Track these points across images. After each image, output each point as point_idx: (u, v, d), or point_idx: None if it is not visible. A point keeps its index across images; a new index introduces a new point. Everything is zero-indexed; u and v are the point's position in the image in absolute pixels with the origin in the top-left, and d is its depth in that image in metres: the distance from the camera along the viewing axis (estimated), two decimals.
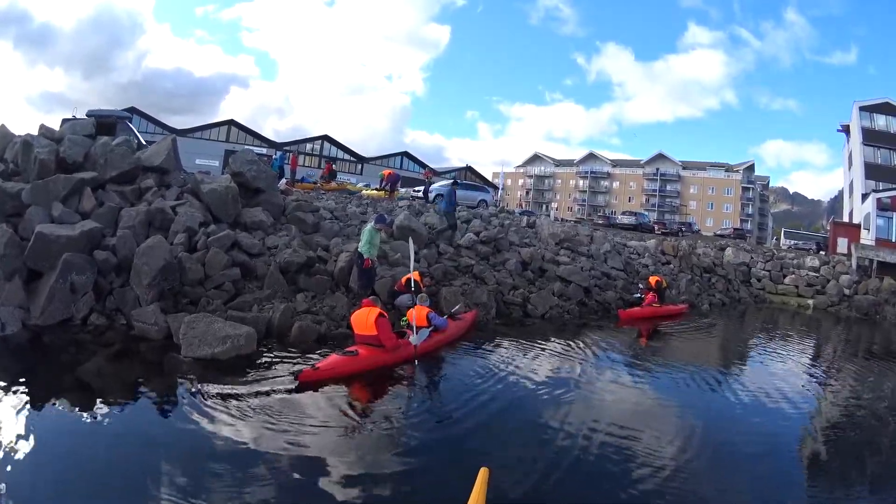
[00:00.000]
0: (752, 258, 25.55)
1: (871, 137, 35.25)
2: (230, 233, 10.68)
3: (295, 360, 7.80)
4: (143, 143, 16.68)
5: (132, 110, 48.50)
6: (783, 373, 10.47)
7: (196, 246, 10.16)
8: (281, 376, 7.07)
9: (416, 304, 8.96)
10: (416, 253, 11.44)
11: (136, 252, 9.02)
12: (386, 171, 26.55)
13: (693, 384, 8.87)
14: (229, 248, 10.34)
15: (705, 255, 24.01)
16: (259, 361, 7.64)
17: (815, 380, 10.63)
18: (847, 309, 21.69)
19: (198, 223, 10.63)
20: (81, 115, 19.90)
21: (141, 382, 6.76)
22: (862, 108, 36.10)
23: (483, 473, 3.88)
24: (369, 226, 10.58)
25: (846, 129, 39.59)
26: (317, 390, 6.74)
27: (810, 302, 22.45)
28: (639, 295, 15.66)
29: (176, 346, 7.74)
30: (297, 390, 6.66)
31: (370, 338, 7.70)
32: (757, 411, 7.79)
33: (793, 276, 24.04)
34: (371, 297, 8.78)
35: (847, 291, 22.68)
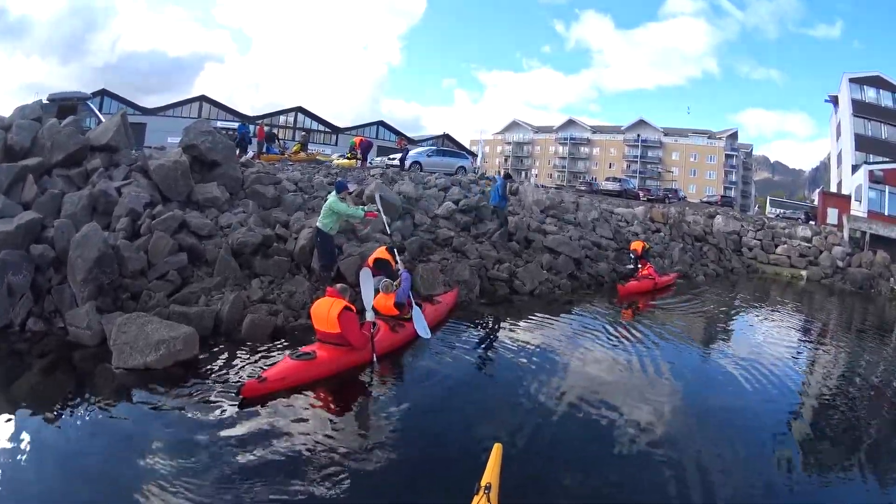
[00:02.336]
0: (742, 227, 24.94)
1: (862, 109, 35.37)
2: (176, 213, 9.41)
3: (244, 364, 6.71)
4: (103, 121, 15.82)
5: (102, 92, 47.66)
6: (788, 348, 10.38)
7: (140, 231, 9.00)
8: (224, 389, 5.93)
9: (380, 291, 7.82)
10: (388, 224, 10.32)
11: (72, 243, 7.85)
12: (357, 139, 25.28)
13: (699, 361, 8.72)
14: (176, 230, 9.17)
15: (695, 223, 23.32)
16: (201, 369, 6.48)
17: (818, 354, 10.56)
18: (841, 282, 21.35)
19: (143, 204, 9.50)
20: (38, 99, 19.68)
21: (66, 403, 5.65)
22: (852, 80, 36.07)
23: (497, 449, 4.03)
24: (331, 197, 9.31)
25: (834, 100, 39.57)
26: (265, 405, 5.58)
27: (804, 273, 22.03)
28: (632, 266, 14.87)
29: (111, 354, 6.56)
30: (242, 406, 5.50)
31: (333, 336, 6.44)
32: (758, 385, 7.66)
33: (784, 246, 23.55)
34: (339, 284, 7.40)
35: (840, 263, 22.40)
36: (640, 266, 14.44)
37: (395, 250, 9.26)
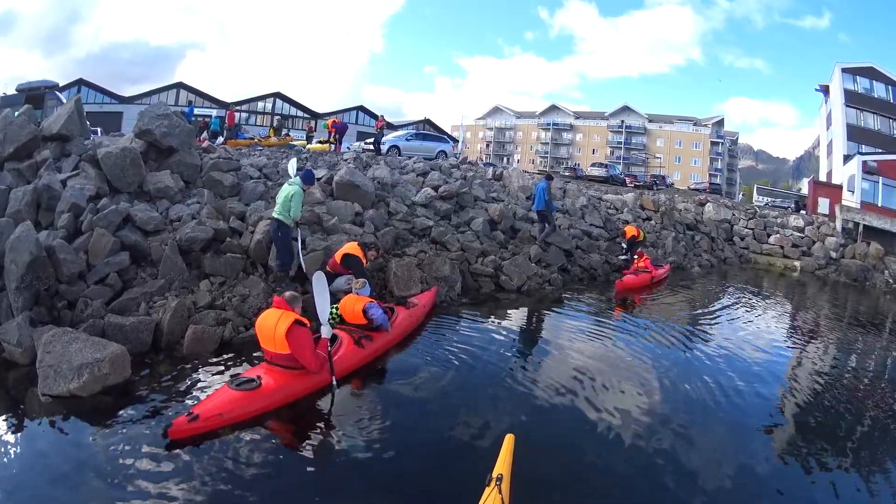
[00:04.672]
0: (733, 215, 24.42)
1: (854, 99, 35.32)
2: (120, 206, 8.34)
3: (183, 389, 5.69)
4: None
5: (79, 82, 48.22)
6: (798, 344, 10.47)
7: (82, 228, 8.02)
8: (154, 425, 4.89)
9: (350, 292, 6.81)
10: (359, 215, 9.28)
11: (6, 245, 6.96)
12: (330, 122, 24.27)
13: (700, 356, 8.27)
14: (119, 226, 8.15)
15: (686, 211, 22.71)
16: (133, 396, 5.46)
17: (823, 350, 10.23)
18: (835, 273, 20.94)
19: (87, 198, 8.54)
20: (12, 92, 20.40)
21: None
22: (844, 70, 35.95)
23: (509, 440, 4.03)
24: (294, 186, 8.20)
25: (825, 90, 39.50)
26: (199, 445, 4.54)
27: (797, 264, 21.61)
28: (625, 256, 14.21)
29: None
30: (171, 449, 4.46)
31: (282, 357, 5.36)
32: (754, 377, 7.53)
33: (777, 235, 23.11)
34: (288, 292, 6.15)
35: (834, 255, 22.06)
36: (635, 257, 13.62)
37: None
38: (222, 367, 6.25)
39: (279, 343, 5.27)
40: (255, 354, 6.24)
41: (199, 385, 5.77)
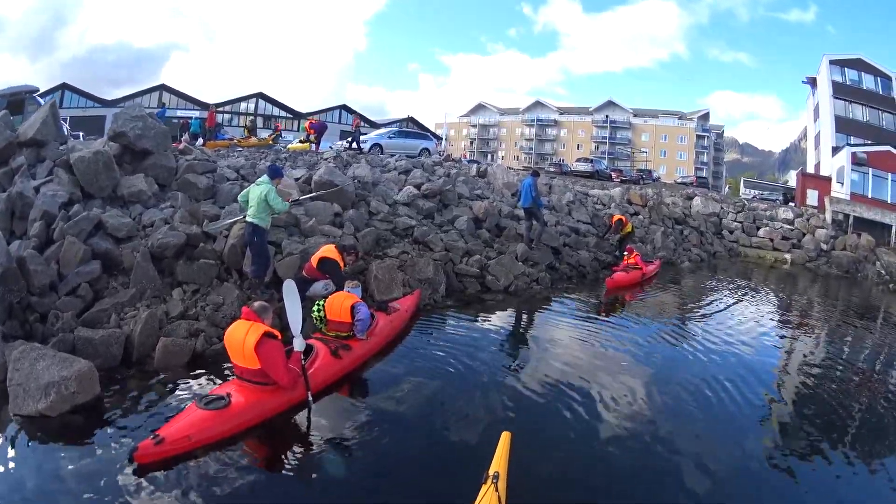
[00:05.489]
0: (722, 208, 24.39)
1: (842, 91, 35.31)
2: (91, 213, 7.95)
3: (153, 407, 5.34)
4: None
5: (63, 86, 47.89)
6: (794, 336, 10.50)
7: (54, 236, 7.62)
8: (122, 446, 4.55)
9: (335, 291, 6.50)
10: (338, 216, 8.87)
11: None
12: (308, 122, 24.10)
13: (704, 357, 7.99)
14: (90, 233, 7.76)
15: (674, 205, 22.55)
16: (102, 415, 5.13)
17: (818, 342, 10.27)
18: (826, 265, 20.85)
19: (59, 205, 8.14)
20: None
21: None
22: (832, 62, 35.97)
23: (505, 437, 4.14)
24: (264, 185, 7.69)
25: (812, 82, 39.57)
26: (168, 469, 4.20)
27: (788, 257, 21.51)
28: (616, 253, 13.96)
29: None
30: (139, 474, 4.12)
31: (253, 372, 4.98)
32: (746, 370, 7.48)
33: (766, 228, 23.07)
34: (257, 302, 5.56)
35: (824, 247, 22.01)
36: (625, 253, 13.34)
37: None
38: (194, 382, 5.91)
39: (248, 357, 4.90)
40: (228, 366, 5.84)
41: (170, 402, 5.43)
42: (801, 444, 5.60)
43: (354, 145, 21.30)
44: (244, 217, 7.79)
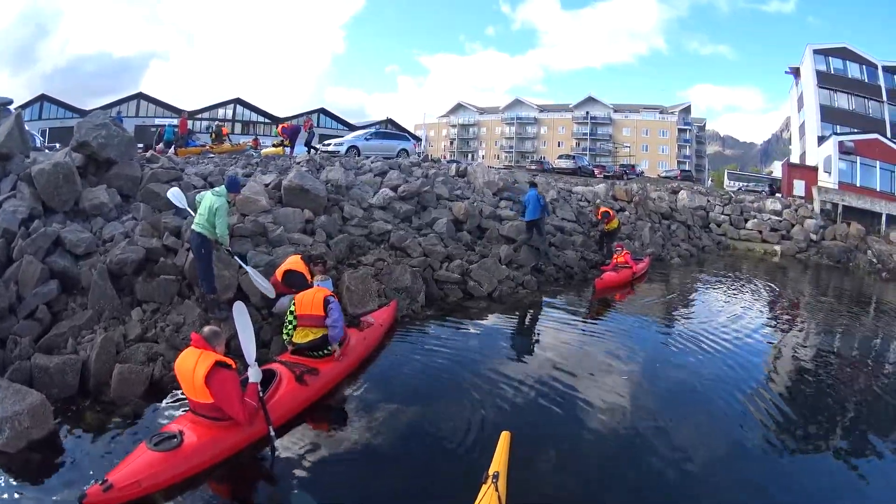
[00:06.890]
0: (708, 202, 24.16)
1: (827, 80, 35.39)
2: (48, 229, 7.39)
3: (109, 443, 4.90)
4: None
5: (41, 97, 47.75)
6: (789, 328, 10.45)
7: (13, 255, 7.10)
8: (73, 489, 4.12)
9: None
10: (309, 222, 8.29)
11: None
12: (280, 127, 23.57)
13: (701, 356, 7.92)
14: (49, 251, 7.28)
15: (660, 200, 22.24)
16: (56, 452, 4.73)
17: (814, 334, 10.23)
18: (817, 256, 20.78)
19: (19, 221, 7.59)
20: None
21: None
22: (816, 52, 36.07)
23: (505, 437, 4.21)
24: (218, 197, 6.99)
25: (795, 72, 39.63)
26: None
27: (777, 248, 21.37)
28: (600, 249, 13.62)
29: None
30: None
31: (206, 406, 4.43)
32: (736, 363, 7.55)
33: (754, 220, 22.89)
34: (208, 326, 5.02)
35: (814, 237, 21.92)
36: (615, 251, 12.91)
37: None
38: (150, 413, 5.40)
39: (199, 391, 4.37)
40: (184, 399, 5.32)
41: (125, 437, 4.95)
42: (798, 436, 5.68)
43: (312, 147, 20.86)
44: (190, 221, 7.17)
